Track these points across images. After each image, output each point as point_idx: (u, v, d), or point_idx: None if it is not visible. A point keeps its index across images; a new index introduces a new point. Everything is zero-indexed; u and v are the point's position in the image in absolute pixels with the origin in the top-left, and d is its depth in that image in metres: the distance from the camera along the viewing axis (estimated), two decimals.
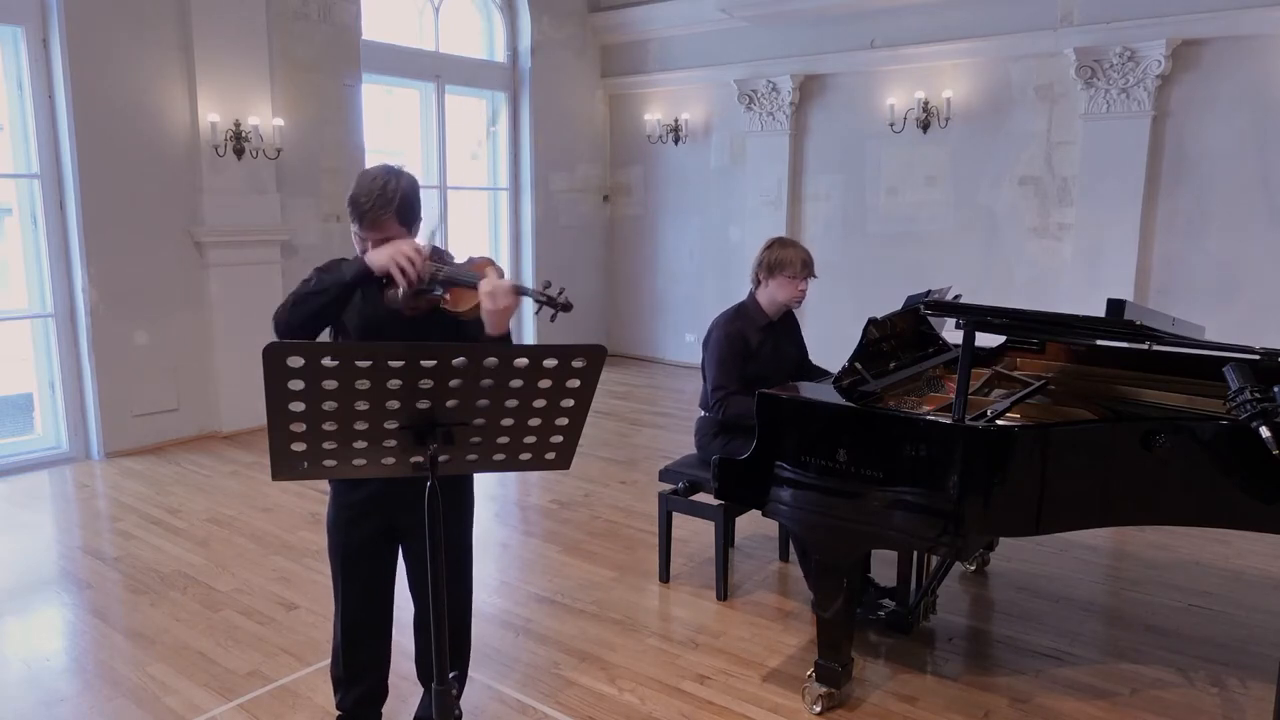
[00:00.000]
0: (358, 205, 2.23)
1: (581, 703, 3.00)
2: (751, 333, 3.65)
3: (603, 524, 4.69)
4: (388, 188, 2.23)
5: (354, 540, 2.44)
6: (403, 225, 2.27)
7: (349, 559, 2.46)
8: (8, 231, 5.90)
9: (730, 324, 3.67)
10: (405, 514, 2.37)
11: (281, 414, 1.61)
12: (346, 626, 2.52)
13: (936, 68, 7.19)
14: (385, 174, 2.26)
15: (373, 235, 2.25)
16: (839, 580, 2.86)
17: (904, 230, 7.54)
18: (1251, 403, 2.12)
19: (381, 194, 2.22)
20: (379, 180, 2.24)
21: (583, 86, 9.10)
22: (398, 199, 2.24)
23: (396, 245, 2.19)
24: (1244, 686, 3.10)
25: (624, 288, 9.53)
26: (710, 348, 3.67)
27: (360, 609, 2.50)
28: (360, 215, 2.23)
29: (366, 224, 2.24)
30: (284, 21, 6.49)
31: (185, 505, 4.94)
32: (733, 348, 3.60)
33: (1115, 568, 4.20)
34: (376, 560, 2.49)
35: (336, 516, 2.45)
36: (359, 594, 2.49)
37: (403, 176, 2.27)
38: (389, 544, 2.49)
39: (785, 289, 3.62)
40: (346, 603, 2.50)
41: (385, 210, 2.22)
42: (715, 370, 3.61)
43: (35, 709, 2.98)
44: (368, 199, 2.21)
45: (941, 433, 2.58)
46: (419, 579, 2.51)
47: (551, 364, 1.68)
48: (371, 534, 2.44)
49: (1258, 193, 6.03)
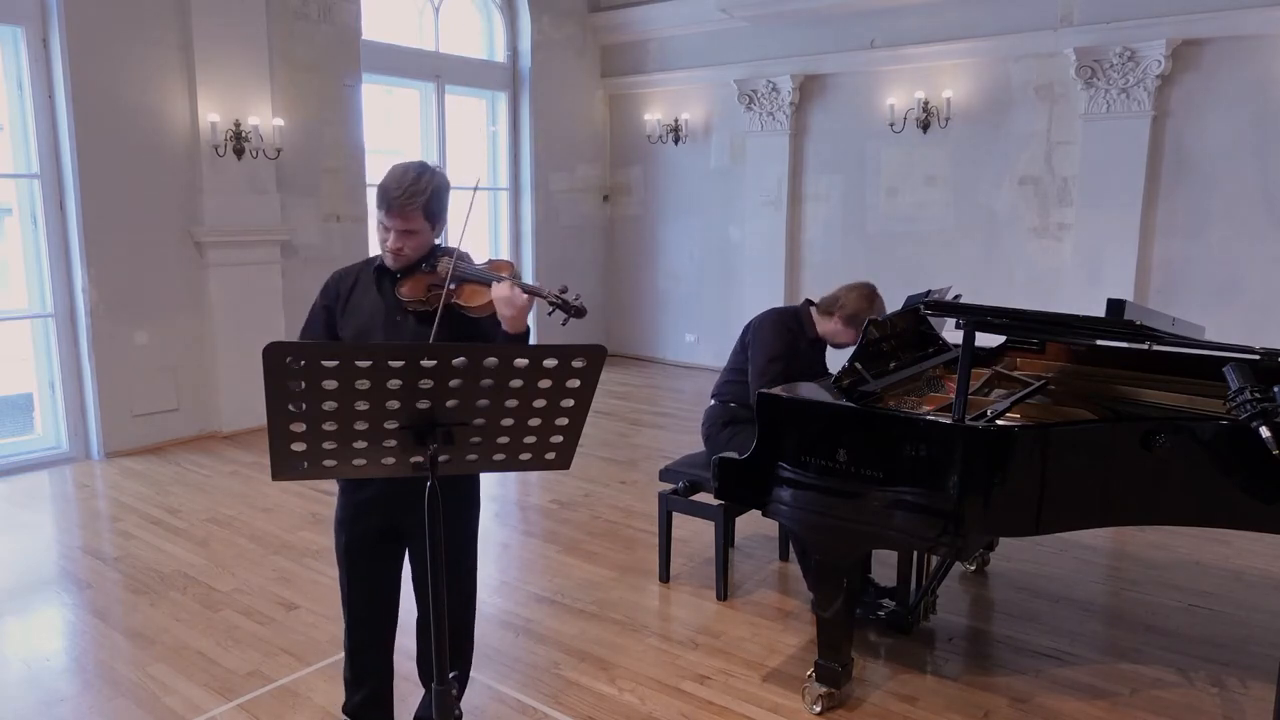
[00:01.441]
0: (387, 193, 2.25)
1: (581, 703, 3.00)
2: (801, 340, 3.68)
3: (603, 524, 4.69)
4: (420, 180, 2.25)
5: (356, 539, 2.45)
6: (428, 221, 2.29)
7: (352, 558, 2.47)
8: (8, 231, 5.90)
9: (783, 322, 3.70)
10: (408, 514, 2.36)
11: (281, 414, 1.61)
12: (351, 626, 2.52)
13: (936, 68, 7.19)
14: (419, 168, 2.29)
15: (397, 225, 2.26)
16: (839, 580, 2.86)
17: (904, 230, 7.54)
18: (1251, 403, 2.12)
19: (415, 184, 2.24)
20: (411, 172, 2.26)
21: (583, 86, 9.10)
22: (428, 193, 2.26)
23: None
24: (1244, 686, 3.10)
25: (624, 288, 9.53)
26: (763, 339, 3.65)
27: (364, 608, 2.50)
28: (389, 203, 2.25)
29: (394, 212, 2.25)
30: (284, 21, 6.49)
31: (185, 505, 4.94)
32: (784, 344, 3.62)
33: (1115, 568, 4.20)
34: (380, 560, 2.48)
35: (342, 515, 2.46)
36: (363, 594, 2.49)
37: (436, 174, 2.30)
38: (393, 544, 2.49)
39: (843, 336, 3.64)
40: (351, 603, 2.50)
41: (414, 202, 2.24)
42: (770, 364, 3.56)
43: (35, 709, 2.98)
44: (398, 188, 2.23)
45: (941, 433, 2.58)
46: (422, 579, 2.50)
47: (551, 364, 1.68)
48: (374, 533, 2.44)
49: (1258, 193, 6.03)
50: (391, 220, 2.27)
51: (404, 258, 2.32)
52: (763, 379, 3.53)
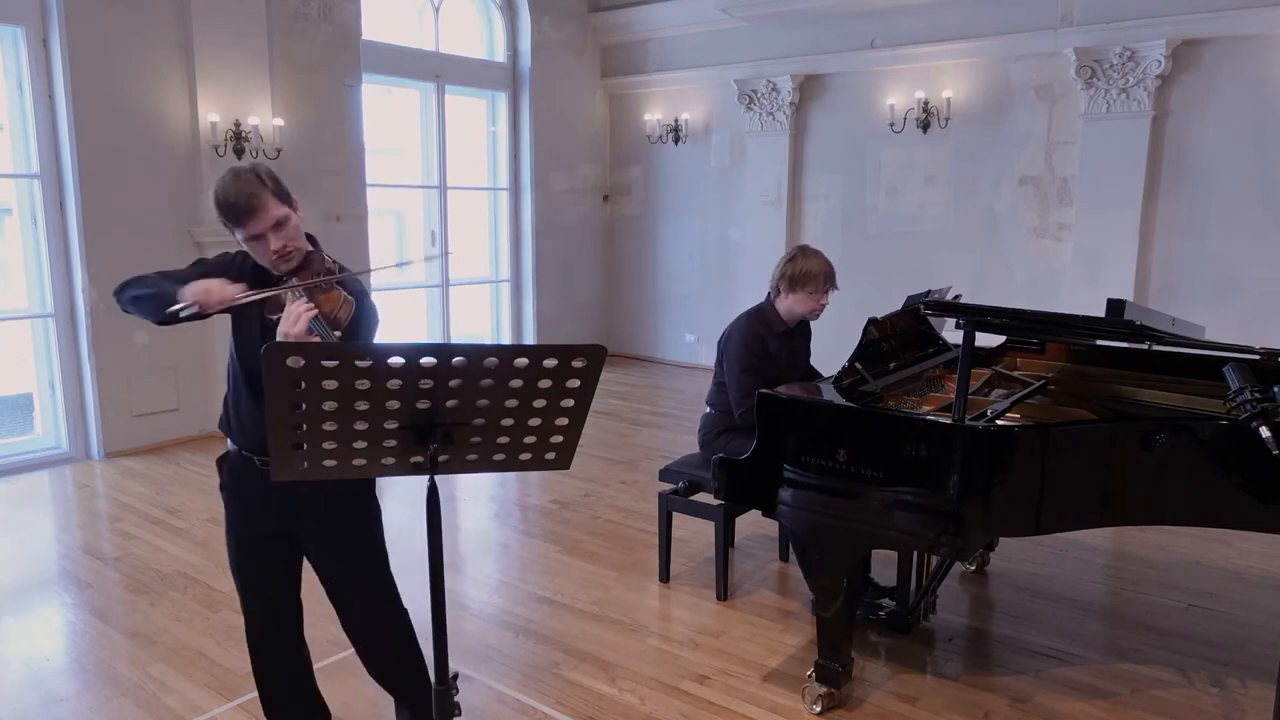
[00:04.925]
0: (231, 203, 2.07)
1: (581, 703, 3.00)
2: (770, 339, 3.64)
3: (603, 524, 4.69)
4: (241, 176, 2.09)
5: (246, 541, 2.33)
6: (284, 203, 2.13)
7: (243, 563, 2.35)
8: (8, 231, 5.90)
9: (749, 329, 3.64)
10: (296, 517, 2.27)
11: (281, 414, 1.61)
12: (251, 639, 2.40)
13: (936, 68, 7.19)
14: (232, 170, 2.13)
15: (261, 224, 2.08)
16: (839, 580, 2.86)
17: (904, 230, 7.54)
18: (1251, 403, 2.12)
19: (246, 181, 2.08)
20: (230, 174, 2.11)
21: (583, 86, 9.10)
22: (262, 177, 2.11)
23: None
24: (1244, 686, 3.10)
25: (624, 288, 9.53)
26: (731, 353, 3.63)
27: (262, 618, 2.39)
28: (240, 211, 2.07)
29: (252, 215, 2.07)
30: (284, 21, 6.49)
31: (185, 505, 4.94)
32: (753, 354, 3.58)
33: (1115, 568, 4.20)
34: (272, 565, 2.35)
35: (230, 516, 2.36)
36: (259, 602, 2.37)
37: (254, 163, 2.16)
38: (286, 546, 2.35)
39: (805, 303, 3.61)
40: (250, 611, 2.39)
41: (258, 193, 2.08)
42: (740, 377, 3.55)
43: (35, 709, 2.98)
44: (236, 193, 2.06)
45: (941, 433, 2.58)
46: (334, 587, 2.38)
47: (551, 364, 1.68)
48: (265, 536, 2.32)
49: (1257, 193, 6.03)
50: (255, 224, 2.08)
51: (292, 253, 2.15)
52: (740, 391, 3.53)
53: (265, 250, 2.12)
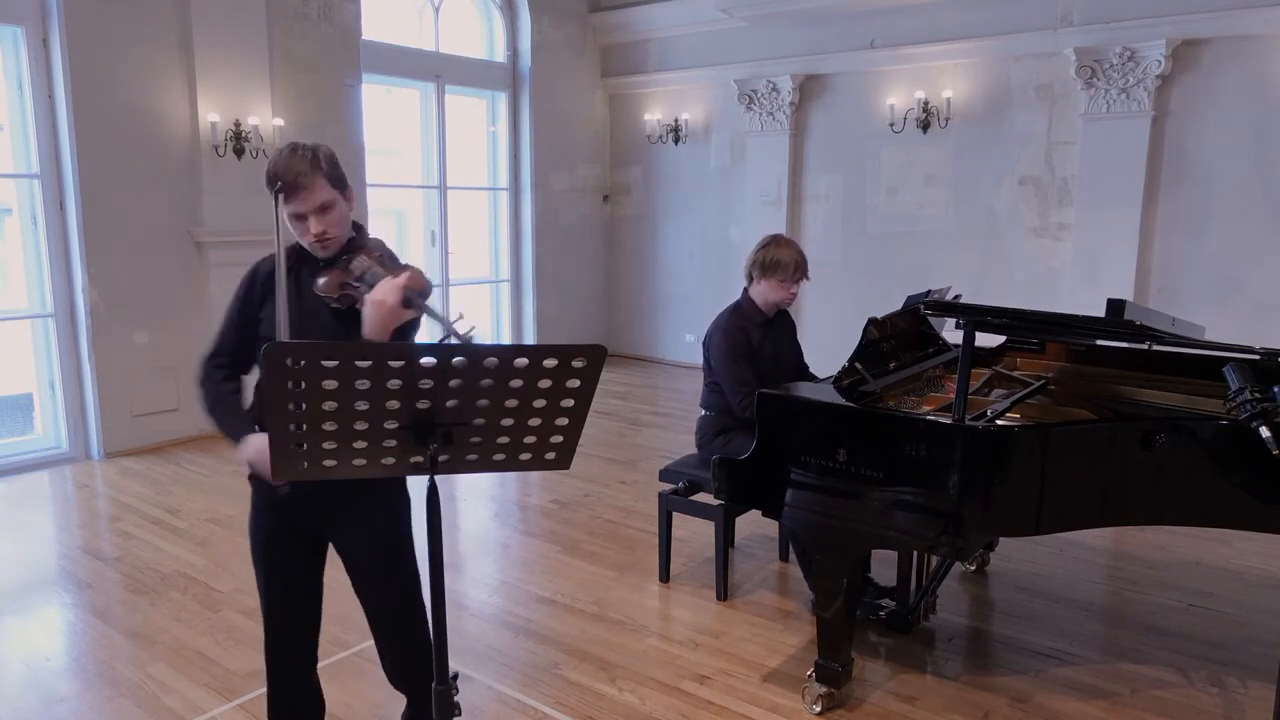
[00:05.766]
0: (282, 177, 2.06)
1: (581, 703, 3.00)
2: (751, 329, 3.66)
3: (603, 524, 4.69)
4: (297, 151, 2.09)
5: (275, 539, 2.29)
6: (335, 187, 2.12)
7: (271, 560, 2.31)
8: (8, 231, 5.90)
9: (730, 323, 3.66)
10: (324, 513, 2.24)
11: (281, 414, 1.61)
12: (269, 635, 2.37)
13: (936, 68, 7.19)
14: (292, 144, 2.13)
15: (308, 204, 2.08)
16: (839, 580, 2.86)
17: (904, 230, 7.54)
18: (1251, 403, 2.12)
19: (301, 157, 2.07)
20: (287, 149, 2.11)
21: (583, 86, 9.10)
22: (319, 157, 2.10)
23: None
24: (1244, 686, 3.10)
25: (624, 288, 9.53)
26: (715, 350, 3.66)
27: (284, 615, 2.35)
28: (289, 185, 2.06)
29: (299, 192, 2.07)
30: (284, 21, 6.49)
31: (185, 505, 4.94)
32: (737, 346, 3.59)
33: (1115, 568, 4.20)
34: (299, 561, 2.32)
35: (256, 514, 2.32)
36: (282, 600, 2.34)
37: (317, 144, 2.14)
38: (312, 544, 2.33)
39: (777, 291, 3.62)
40: (271, 609, 2.35)
41: (312, 171, 2.07)
42: (730, 369, 3.56)
43: (35, 709, 2.98)
44: (288, 168, 2.06)
45: (941, 433, 2.58)
46: (362, 583, 2.35)
47: (551, 364, 1.68)
48: (292, 533, 2.28)
49: (1257, 192, 6.03)
50: (299, 203, 2.07)
51: (332, 240, 2.13)
52: (733, 381, 3.54)
53: (305, 232, 2.13)
